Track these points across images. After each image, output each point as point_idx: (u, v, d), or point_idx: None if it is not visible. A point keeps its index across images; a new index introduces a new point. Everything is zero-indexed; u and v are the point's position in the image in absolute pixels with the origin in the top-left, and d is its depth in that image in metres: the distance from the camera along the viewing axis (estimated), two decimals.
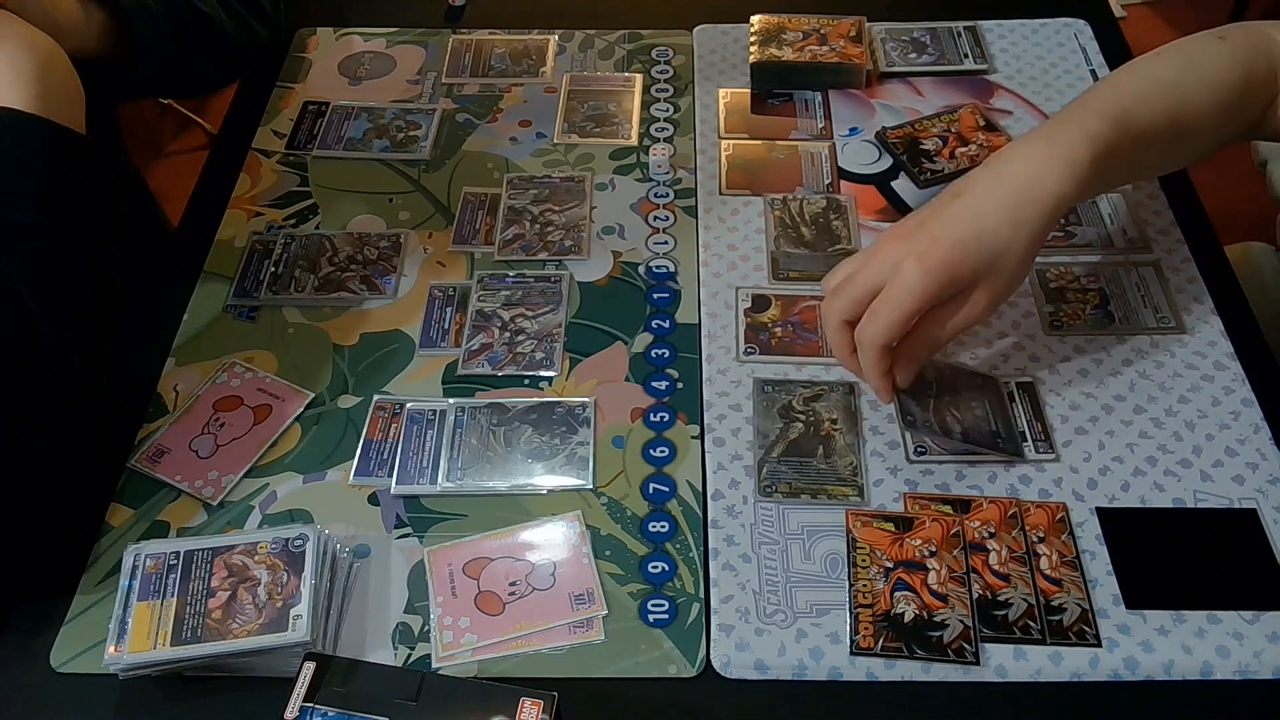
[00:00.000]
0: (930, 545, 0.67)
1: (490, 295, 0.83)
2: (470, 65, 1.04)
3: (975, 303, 0.68)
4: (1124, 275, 0.82)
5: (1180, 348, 0.78)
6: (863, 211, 0.88)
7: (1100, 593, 0.65)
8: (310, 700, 0.56)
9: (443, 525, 0.70)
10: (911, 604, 0.65)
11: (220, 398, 0.77)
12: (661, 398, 0.76)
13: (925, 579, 0.66)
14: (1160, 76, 0.73)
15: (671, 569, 0.67)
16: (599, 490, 0.71)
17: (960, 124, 0.93)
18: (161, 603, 0.62)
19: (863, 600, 0.65)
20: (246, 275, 0.85)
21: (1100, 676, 0.63)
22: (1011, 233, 0.66)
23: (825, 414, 0.74)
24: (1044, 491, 0.70)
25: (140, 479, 0.72)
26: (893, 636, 0.63)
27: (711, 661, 0.64)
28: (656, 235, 0.88)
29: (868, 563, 0.66)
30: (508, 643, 0.64)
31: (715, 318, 0.81)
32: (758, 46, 1.00)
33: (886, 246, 0.67)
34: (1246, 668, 0.63)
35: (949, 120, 0.93)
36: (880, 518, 0.69)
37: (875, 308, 0.67)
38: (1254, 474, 0.70)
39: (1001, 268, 0.67)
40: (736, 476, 0.71)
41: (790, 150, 0.94)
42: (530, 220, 0.89)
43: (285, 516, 0.70)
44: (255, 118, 0.99)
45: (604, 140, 0.96)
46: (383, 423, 0.75)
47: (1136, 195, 0.89)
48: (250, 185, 0.93)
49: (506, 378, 0.78)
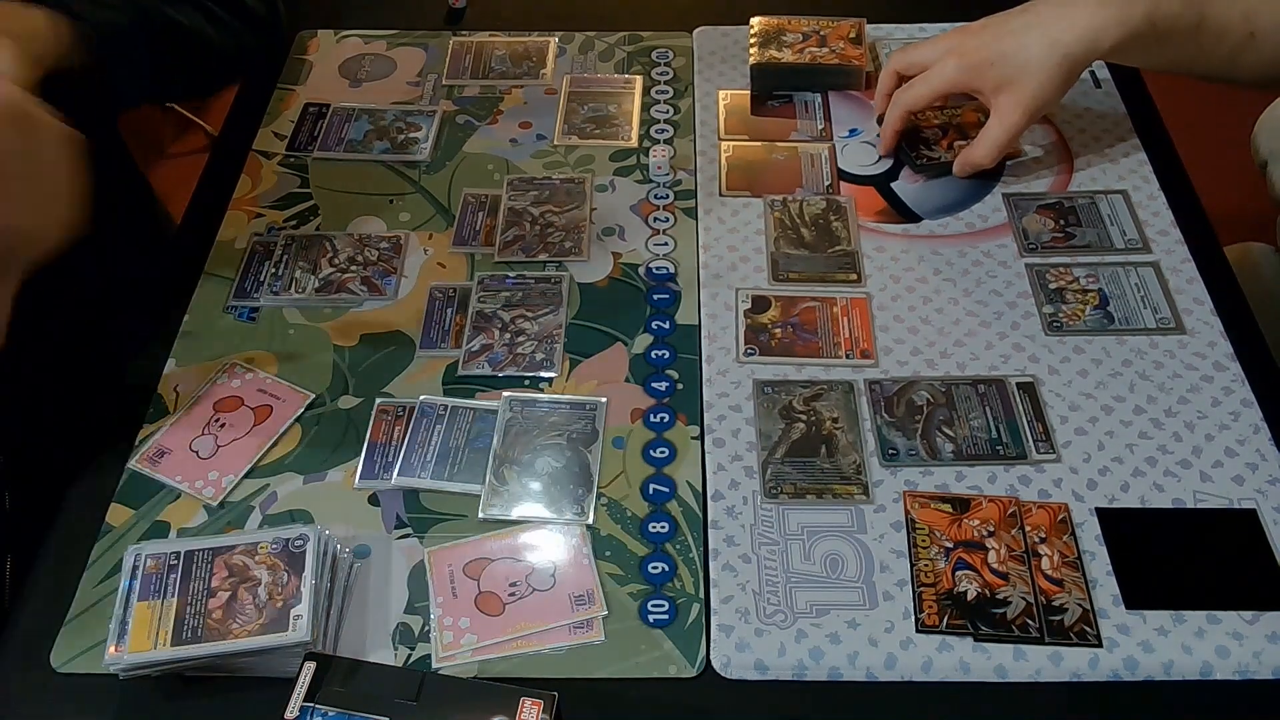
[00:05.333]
0: (989, 525, 0.68)
1: (490, 296, 0.83)
2: (471, 67, 1.04)
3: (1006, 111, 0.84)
4: (1124, 275, 0.83)
5: (1180, 348, 0.78)
6: (862, 213, 0.89)
7: (1100, 593, 0.65)
8: (310, 700, 0.56)
9: (443, 525, 0.70)
10: (973, 583, 0.65)
11: (221, 398, 0.77)
12: (661, 399, 0.76)
13: (985, 558, 0.66)
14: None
15: (671, 569, 0.67)
16: (600, 491, 0.71)
17: (962, 118, 0.93)
18: (162, 603, 0.62)
19: (925, 579, 0.65)
20: (247, 276, 0.85)
21: (1100, 676, 0.63)
22: (1047, 51, 0.81)
23: (826, 413, 0.74)
24: (1043, 492, 0.70)
25: (140, 479, 0.72)
26: (956, 614, 0.64)
27: (711, 662, 0.64)
28: (656, 237, 0.88)
29: (928, 543, 0.67)
30: (508, 643, 0.64)
31: (715, 319, 0.81)
32: (757, 48, 1.00)
33: (948, 39, 0.87)
34: (1246, 668, 0.63)
35: (951, 114, 0.93)
36: (938, 499, 0.69)
37: (914, 82, 0.87)
38: (1254, 474, 0.70)
39: (1028, 79, 0.82)
40: (736, 477, 0.71)
41: (790, 152, 0.94)
42: (530, 222, 0.89)
43: (285, 517, 0.70)
44: (256, 119, 0.99)
45: (604, 142, 0.96)
46: (386, 425, 0.75)
47: (1137, 195, 0.89)
48: (251, 186, 0.93)
49: (507, 378, 0.78)
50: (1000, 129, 0.85)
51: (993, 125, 0.85)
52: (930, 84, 0.86)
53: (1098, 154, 0.93)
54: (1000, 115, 0.85)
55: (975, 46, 0.84)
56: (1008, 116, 0.84)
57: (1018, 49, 0.82)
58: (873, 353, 0.78)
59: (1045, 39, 0.81)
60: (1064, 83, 0.83)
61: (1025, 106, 0.83)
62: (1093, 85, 0.99)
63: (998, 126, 0.85)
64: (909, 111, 0.89)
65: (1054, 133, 0.95)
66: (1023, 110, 0.83)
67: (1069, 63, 0.81)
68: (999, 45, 0.83)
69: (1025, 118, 0.84)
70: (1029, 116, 0.84)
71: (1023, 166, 0.92)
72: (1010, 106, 0.84)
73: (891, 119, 0.90)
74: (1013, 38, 0.82)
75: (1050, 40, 0.81)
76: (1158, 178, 0.90)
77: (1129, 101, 0.97)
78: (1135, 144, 0.93)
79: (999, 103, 0.84)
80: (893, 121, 0.90)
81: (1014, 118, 0.84)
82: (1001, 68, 0.83)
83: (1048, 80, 0.82)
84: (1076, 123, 0.95)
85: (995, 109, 0.85)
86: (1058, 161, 0.92)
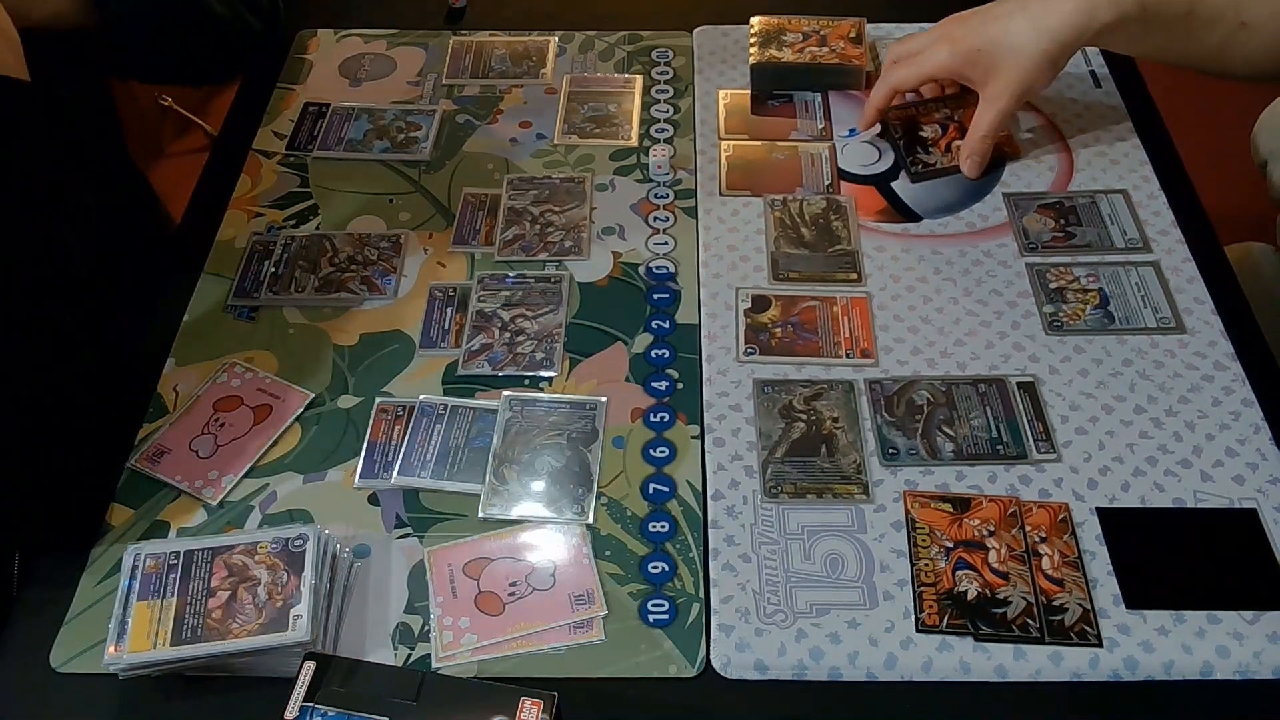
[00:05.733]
0: (989, 525, 0.68)
1: (490, 296, 0.83)
2: (471, 66, 1.04)
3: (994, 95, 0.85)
4: (1124, 275, 0.82)
5: (1180, 348, 0.78)
6: (862, 212, 0.89)
7: (1100, 593, 0.65)
8: (310, 700, 0.56)
9: (443, 525, 0.70)
10: (974, 582, 0.65)
11: (221, 398, 0.77)
12: (661, 398, 0.76)
13: (986, 558, 0.66)
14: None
15: (671, 569, 0.67)
16: (600, 491, 0.71)
17: (964, 115, 0.93)
18: (161, 603, 0.62)
19: (925, 579, 0.65)
20: (247, 275, 0.85)
21: (1100, 676, 0.63)
22: (1034, 35, 0.82)
23: (826, 413, 0.74)
24: (1044, 491, 0.70)
25: (140, 479, 0.72)
26: (956, 614, 0.64)
27: (711, 662, 0.64)
28: (656, 236, 0.88)
29: (928, 543, 0.67)
30: (508, 643, 0.64)
31: (715, 318, 0.81)
32: (758, 48, 1.00)
33: (939, 27, 0.89)
34: (1246, 668, 0.63)
35: (953, 108, 0.93)
36: (938, 499, 0.69)
37: (904, 62, 0.89)
38: (1254, 474, 0.70)
39: (1015, 63, 0.83)
40: (736, 477, 0.71)
41: (790, 151, 0.94)
42: (530, 221, 0.89)
43: (285, 516, 0.70)
44: (256, 119, 0.99)
45: (604, 141, 0.96)
46: (386, 425, 0.75)
47: (1137, 195, 0.89)
48: (251, 186, 0.93)
49: (507, 378, 0.78)
50: (990, 112, 0.86)
51: (982, 109, 0.87)
52: (919, 67, 0.88)
53: (1098, 153, 0.92)
54: (989, 100, 0.86)
55: (964, 33, 0.86)
56: (996, 100, 0.85)
57: (1004, 33, 0.83)
58: (873, 352, 0.78)
59: (1032, 23, 0.82)
60: (1051, 67, 0.84)
61: (1012, 90, 0.84)
62: (1093, 85, 0.99)
63: (988, 110, 0.86)
64: (894, 89, 0.90)
65: (1054, 132, 0.95)
66: (1010, 94, 0.85)
67: (1056, 47, 0.82)
68: (986, 30, 0.85)
69: (1013, 101, 0.85)
70: (1016, 100, 0.85)
71: (1023, 166, 0.92)
72: (998, 91, 0.85)
73: (876, 96, 0.91)
74: (1000, 23, 0.84)
75: (1037, 24, 0.82)
76: (1158, 177, 0.90)
77: (1129, 101, 0.97)
78: (1135, 144, 0.93)
79: (987, 88, 0.86)
80: (876, 99, 0.91)
81: (1002, 102, 0.85)
82: (990, 52, 0.84)
83: (1033, 65, 0.83)
84: (1077, 122, 0.95)
85: (984, 94, 0.86)
86: (1058, 161, 0.92)
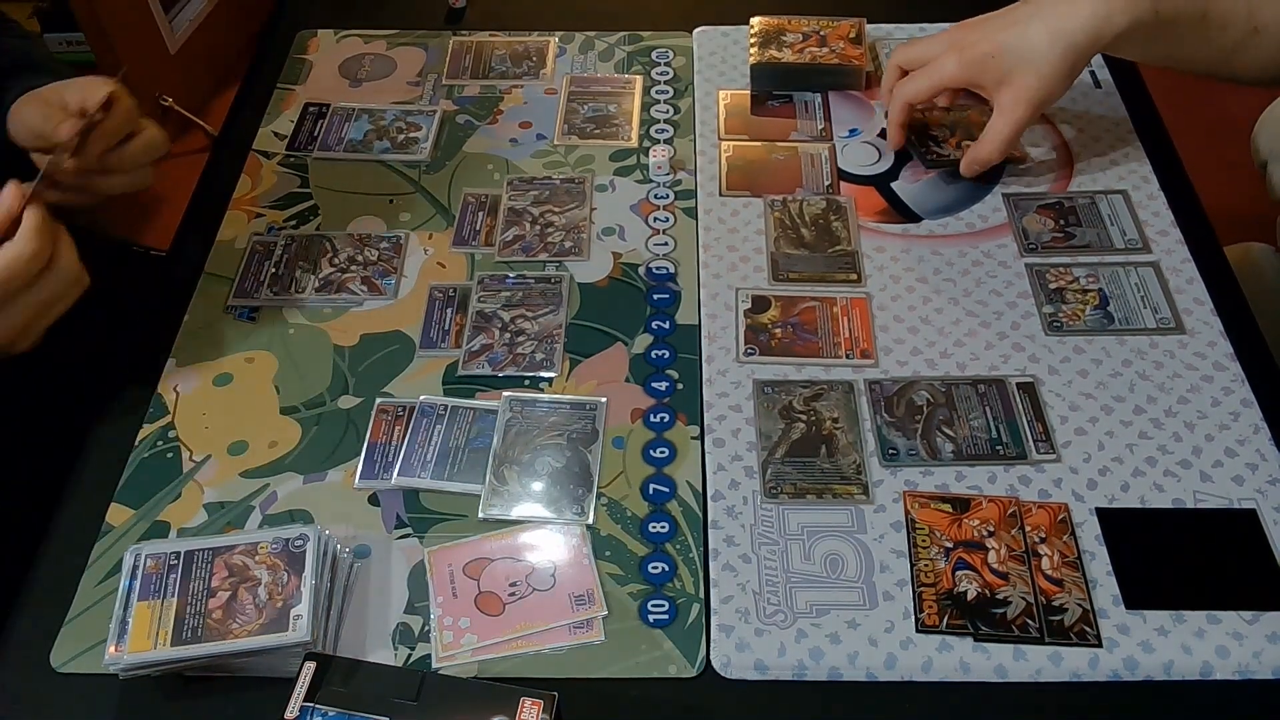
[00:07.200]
0: (989, 525, 0.68)
1: (490, 296, 0.83)
2: (471, 67, 1.04)
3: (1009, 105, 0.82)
4: (1124, 276, 0.83)
5: (1180, 348, 0.78)
6: (862, 213, 0.89)
7: (1100, 593, 0.65)
8: (310, 700, 0.56)
9: (443, 525, 0.70)
10: (973, 582, 0.65)
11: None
12: (661, 398, 0.76)
13: (985, 558, 0.66)
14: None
15: (671, 569, 0.67)
16: (600, 491, 0.71)
17: (969, 118, 0.93)
18: (162, 603, 0.62)
19: (925, 579, 0.65)
20: (247, 276, 0.85)
21: (1100, 676, 0.63)
22: (1050, 41, 0.79)
23: (826, 413, 0.74)
24: (1043, 492, 0.70)
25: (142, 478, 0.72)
26: (956, 614, 0.64)
27: (711, 662, 0.64)
28: (656, 236, 0.88)
29: (928, 543, 0.67)
30: (508, 643, 0.64)
31: (715, 319, 0.81)
32: (757, 48, 1.00)
33: (950, 33, 0.86)
34: (1246, 668, 0.63)
35: (959, 115, 0.93)
36: (938, 499, 0.69)
37: (915, 74, 0.87)
38: (1254, 474, 0.70)
39: (1031, 71, 0.80)
40: (736, 477, 0.71)
41: (790, 152, 0.94)
42: (530, 221, 0.89)
43: (285, 517, 0.70)
44: (256, 119, 0.99)
45: (604, 142, 0.96)
46: (386, 425, 0.75)
47: (1137, 195, 0.89)
48: (251, 186, 0.93)
49: (507, 378, 0.78)
50: (1005, 123, 0.83)
51: (996, 120, 0.83)
52: (931, 77, 0.85)
53: (1098, 154, 0.93)
54: (1004, 109, 0.83)
55: (976, 40, 0.82)
56: (1012, 110, 0.82)
57: (1019, 40, 0.80)
58: (873, 353, 0.78)
59: (1048, 29, 0.79)
60: (1068, 74, 0.81)
61: (1029, 100, 0.81)
62: (1093, 85, 0.99)
63: (1002, 121, 0.83)
64: (909, 104, 0.88)
65: (1054, 133, 0.95)
66: (1026, 103, 0.81)
67: (1073, 53, 0.79)
68: (1000, 37, 0.81)
69: (1029, 111, 0.82)
70: (1033, 110, 0.82)
71: (1023, 167, 0.92)
72: (1013, 100, 0.82)
73: (894, 113, 0.89)
74: (1014, 29, 0.81)
75: (1053, 30, 0.79)
76: (1158, 178, 0.90)
77: (1129, 102, 0.97)
78: (1135, 144, 0.93)
79: (1002, 96, 0.82)
80: (895, 115, 0.89)
81: (1018, 112, 0.82)
82: (1003, 60, 0.81)
83: (1051, 72, 0.80)
84: (1076, 123, 0.95)
85: (998, 103, 0.83)
86: (1058, 162, 0.92)
